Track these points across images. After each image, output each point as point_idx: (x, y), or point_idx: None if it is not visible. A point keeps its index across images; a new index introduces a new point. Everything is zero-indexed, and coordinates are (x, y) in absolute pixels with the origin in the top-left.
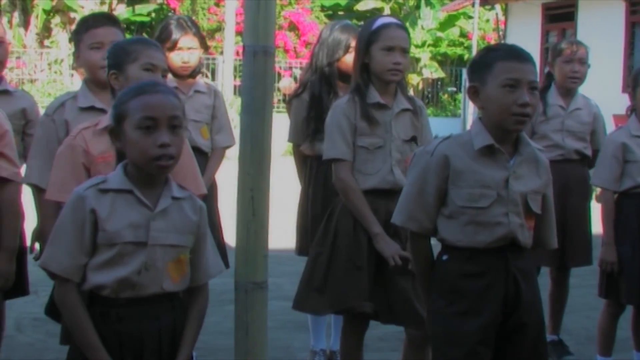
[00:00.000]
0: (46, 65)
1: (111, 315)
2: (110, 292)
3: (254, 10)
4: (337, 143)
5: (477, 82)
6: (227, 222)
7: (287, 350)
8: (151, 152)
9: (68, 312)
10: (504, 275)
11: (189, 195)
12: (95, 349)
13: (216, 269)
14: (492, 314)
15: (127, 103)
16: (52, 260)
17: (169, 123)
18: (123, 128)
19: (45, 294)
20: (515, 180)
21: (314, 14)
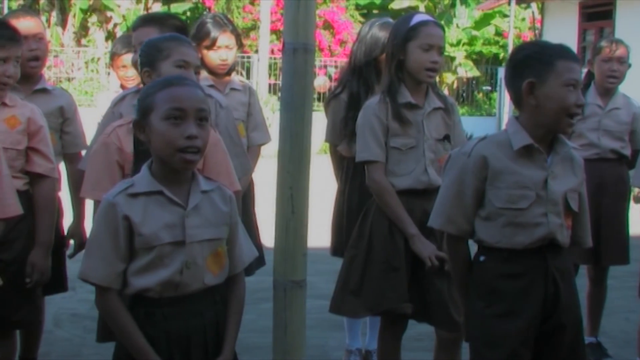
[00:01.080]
0: (83, 64)
1: (156, 315)
2: (154, 294)
3: (294, 7)
4: (369, 145)
5: (534, 78)
6: (265, 220)
7: (322, 349)
8: (178, 143)
9: (112, 319)
10: (543, 276)
11: (218, 186)
12: (144, 352)
13: (249, 255)
14: (532, 315)
15: (154, 95)
16: (90, 271)
17: (196, 115)
18: (149, 120)
19: (83, 290)
20: (554, 179)
21: (349, 12)
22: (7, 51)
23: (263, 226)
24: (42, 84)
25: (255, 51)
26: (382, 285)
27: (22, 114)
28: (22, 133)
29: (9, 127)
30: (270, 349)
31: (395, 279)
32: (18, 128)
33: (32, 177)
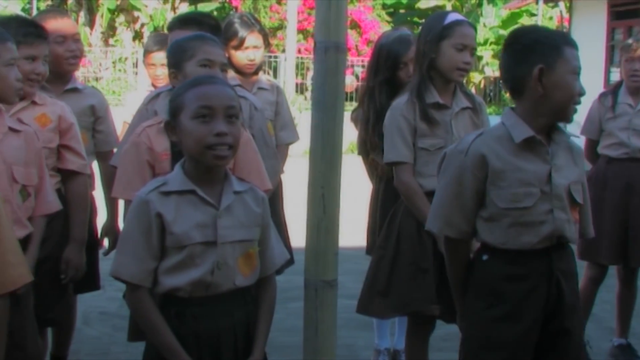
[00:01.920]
0: (110, 64)
1: (187, 315)
2: (184, 293)
3: (325, 6)
4: (397, 146)
5: (543, 65)
6: (294, 220)
7: (351, 349)
8: (207, 141)
9: (142, 317)
10: (547, 278)
11: (250, 188)
12: (174, 351)
13: (281, 258)
14: (533, 318)
15: (183, 95)
16: (122, 268)
17: (226, 113)
18: (179, 120)
19: (112, 289)
20: (557, 172)
21: (376, 11)
22: (36, 49)
23: (292, 226)
24: (73, 83)
25: (282, 51)
26: (409, 287)
27: (52, 111)
28: (53, 131)
29: (40, 126)
30: (298, 348)
31: (423, 281)
32: (49, 126)
33: (64, 175)
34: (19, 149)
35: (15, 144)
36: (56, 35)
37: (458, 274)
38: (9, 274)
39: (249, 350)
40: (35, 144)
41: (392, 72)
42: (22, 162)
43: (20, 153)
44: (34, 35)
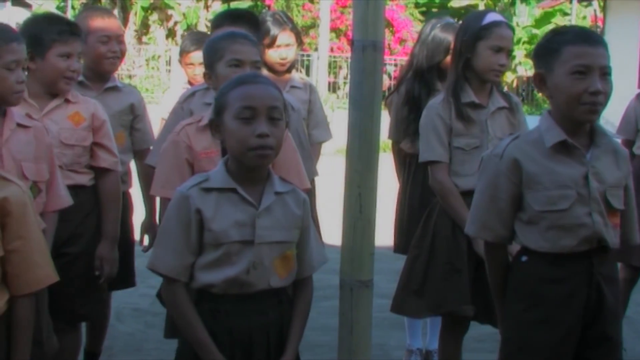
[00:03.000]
0: (144, 62)
1: (220, 312)
2: (219, 290)
3: (363, 5)
4: (432, 145)
5: (543, 69)
6: (327, 218)
7: (383, 349)
8: (249, 142)
9: (177, 311)
10: (587, 282)
11: (292, 189)
12: (206, 347)
13: (320, 261)
14: (572, 323)
15: (227, 94)
16: (159, 261)
17: (268, 114)
18: (223, 119)
19: (145, 286)
20: (595, 175)
21: (408, 10)
22: (70, 46)
23: (324, 224)
24: (112, 81)
25: (314, 49)
26: (444, 287)
27: (85, 109)
28: (86, 129)
29: (73, 124)
30: (330, 347)
31: (457, 281)
32: (83, 125)
33: (97, 172)
34: (28, 144)
35: (24, 140)
36: (101, 35)
37: (497, 277)
38: (35, 274)
39: (281, 351)
40: (45, 139)
41: (442, 58)
42: (31, 157)
43: (29, 149)
44: (68, 33)
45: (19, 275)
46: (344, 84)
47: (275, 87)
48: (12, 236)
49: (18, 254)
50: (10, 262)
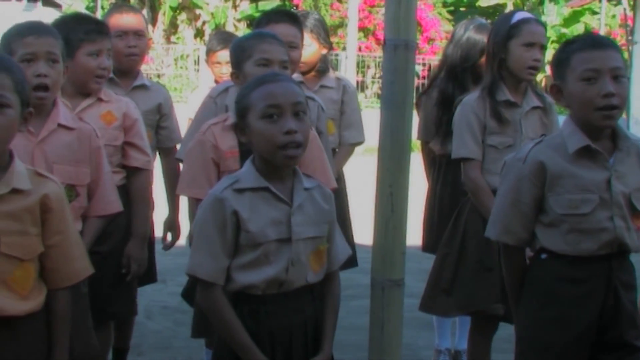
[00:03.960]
0: (172, 61)
1: (260, 313)
2: (258, 290)
3: (395, 4)
4: (466, 142)
5: (558, 80)
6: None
7: (411, 348)
8: (278, 140)
9: (216, 316)
10: (605, 285)
11: (318, 185)
12: (249, 349)
13: (344, 254)
14: (586, 325)
15: (249, 95)
16: (198, 267)
17: (293, 110)
18: (247, 121)
19: (173, 284)
20: (618, 179)
21: (436, 10)
22: (98, 44)
23: (354, 223)
24: (140, 79)
25: (342, 48)
26: (473, 285)
27: (117, 108)
28: (118, 129)
29: (105, 124)
30: (359, 347)
31: (487, 279)
32: (114, 124)
33: (128, 171)
34: (67, 146)
35: (65, 142)
36: (117, 30)
37: (515, 279)
38: (73, 267)
39: (317, 346)
40: (92, 142)
41: (477, 59)
42: (69, 160)
43: (68, 151)
44: (95, 32)
45: (58, 269)
46: (372, 83)
47: (296, 83)
48: (52, 231)
49: (57, 249)
50: (49, 257)
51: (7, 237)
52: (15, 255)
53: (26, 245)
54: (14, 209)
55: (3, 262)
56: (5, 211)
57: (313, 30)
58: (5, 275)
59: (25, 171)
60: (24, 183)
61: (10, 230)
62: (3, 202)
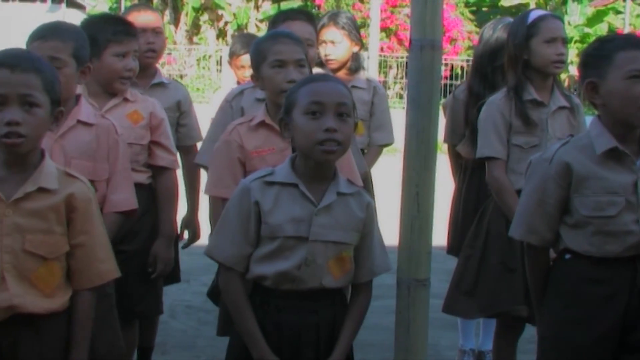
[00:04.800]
0: (195, 61)
1: (271, 306)
2: (271, 284)
3: (421, 5)
4: (491, 141)
5: (595, 77)
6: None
7: (435, 349)
8: (316, 136)
9: (231, 300)
10: (629, 287)
11: (357, 192)
12: (255, 338)
13: (382, 268)
14: (609, 326)
15: (297, 92)
16: (216, 249)
17: (337, 110)
18: (292, 117)
19: (197, 283)
20: None
21: (459, 10)
22: (126, 46)
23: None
24: (158, 78)
25: (364, 49)
26: (497, 287)
27: (144, 108)
28: (144, 128)
29: (132, 123)
30: (382, 347)
31: (510, 281)
32: (141, 123)
33: (154, 170)
34: (86, 142)
35: (83, 138)
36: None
37: (538, 280)
38: (97, 269)
39: (330, 352)
40: (110, 138)
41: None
42: (88, 156)
43: (87, 147)
44: (122, 33)
45: (82, 269)
46: (393, 83)
47: (344, 85)
48: (77, 231)
49: (82, 249)
50: (74, 257)
51: (32, 235)
52: (39, 254)
53: (51, 243)
54: (40, 207)
55: (27, 259)
56: (31, 209)
57: (345, 27)
58: (29, 273)
59: (56, 171)
60: (51, 182)
61: (35, 229)
62: (29, 200)
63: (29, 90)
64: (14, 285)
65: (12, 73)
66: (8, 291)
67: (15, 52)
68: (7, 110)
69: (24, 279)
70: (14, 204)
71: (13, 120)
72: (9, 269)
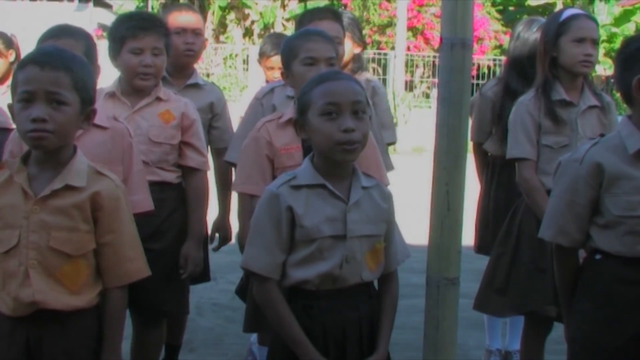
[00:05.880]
0: (221, 60)
1: (314, 308)
2: (312, 286)
3: (452, 3)
4: (520, 142)
5: None
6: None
7: (462, 348)
8: (336, 137)
9: (270, 310)
10: None
11: (377, 184)
12: (302, 344)
13: (403, 255)
14: None
15: (310, 92)
16: (252, 260)
17: (352, 108)
18: (307, 118)
19: (224, 281)
20: None
21: (485, 9)
22: (140, 41)
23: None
24: (194, 78)
25: (391, 48)
26: (527, 286)
27: (176, 108)
28: (176, 128)
29: (163, 122)
30: (408, 346)
31: (540, 280)
32: (172, 123)
33: (184, 171)
34: (101, 145)
35: (98, 141)
36: (175, 27)
37: (567, 281)
38: (126, 267)
39: (372, 345)
40: (124, 141)
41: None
42: (102, 159)
43: (101, 150)
44: (137, 28)
45: (111, 268)
46: (420, 82)
47: (357, 82)
48: (104, 230)
49: (110, 247)
50: (102, 255)
51: (57, 232)
52: (64, 251)
53: (76, 241)
54: (65, 204)
55: (52, 256)
56: (57, 206)
57: (347, 28)
58: (54, 270)
59: (86, 168)
60: (79, 180)
61: (60, 226)
62: (56, 198)
63: (56, 88)
64: (37, 282)
65: (42, 70)
66: (31, 287)
67: (47, 50)
68: (33, 107)
69: (50, 275)
70: (41, 201)
71: (39, 117)
72: (34, 265)
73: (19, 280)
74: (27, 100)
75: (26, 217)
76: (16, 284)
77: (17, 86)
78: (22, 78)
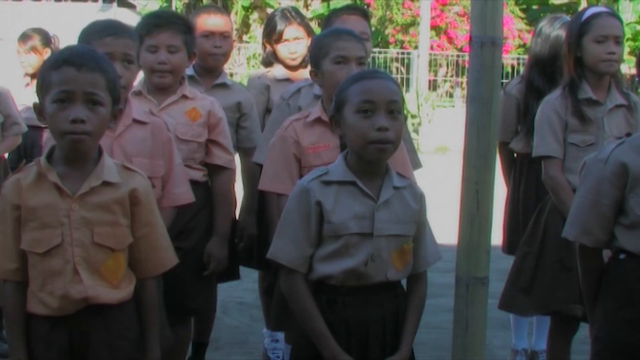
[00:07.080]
0: (244, 60)
1: (338, 303)
2: (336, 281)
3: (482, 1)
4: (547, 140)
5: None
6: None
7: (488, 348)
8: (369, 136)
9: (296, 302)
10: None
11: (409, 184)
12: (324, 337)
13: (434, 257)
14: None
15: (347, 89)
16: (279, 252)
17: (388, 108)
18: (343, 114)
19: (249, 280)
20: None
21: (508, 7)
22: (155, 39)
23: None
24: (222, 78)
25: (414, 47)
26: (552, 285)
27: (202, 106)
28: (202, 126)
29: (190, 120)
30: (434, 345)
31: (566, 280)
32: (199, 121)
33: (210, 169)
34: (143, 140)
35: (140, 136)
36: (203, 31)
37: (591, 281)
38: (160, 257)
39: (396, 344)
40: (163, 135)
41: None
42: (146, 153)
43: (144, 145)
44: (151, 25)
45: (147, 259)
46: (443, 82)
47: (395, 82)
48: (141, 223)
49: (146, 240)
50: (138, 248)
51: (100, 227)
52: (107, 245)
53: (117, 235)
54: (106, 200)
55: (96, 251)
56: (97, 202)
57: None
58: (98, 265)
59: (115, 165)
60: (113, 176)
61: (102, 221)
62: (95, 194)
63: (94, 89)
64: (86, 278)
65: (79, 72)
66: (82, 283)
67: (81, 51)
68: (72, 108)
69: (94, 271)
70: (79, 199)
71: (78, 118)
72: (80, 262)
73: (67, 277)
74: (64, 101)
75: (66, 215)
76: (64, 282)
77: (52, 86)
78: (58, 79)
